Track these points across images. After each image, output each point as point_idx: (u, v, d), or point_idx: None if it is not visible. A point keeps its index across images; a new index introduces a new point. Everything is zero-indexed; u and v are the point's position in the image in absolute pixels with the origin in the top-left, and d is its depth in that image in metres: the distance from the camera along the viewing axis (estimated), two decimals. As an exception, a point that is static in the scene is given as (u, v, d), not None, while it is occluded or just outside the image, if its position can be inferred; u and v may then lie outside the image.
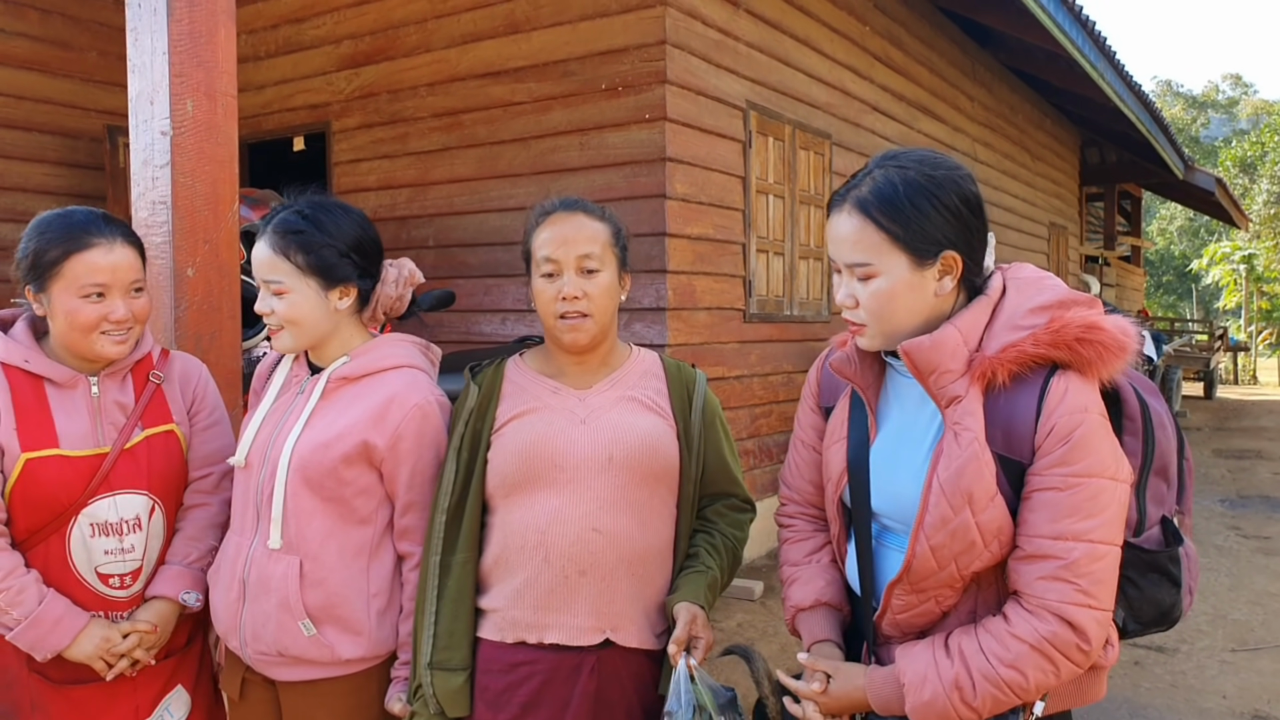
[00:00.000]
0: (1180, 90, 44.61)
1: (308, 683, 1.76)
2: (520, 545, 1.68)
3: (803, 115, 6.06)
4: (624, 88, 4.87)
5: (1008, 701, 1.32)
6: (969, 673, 1.32)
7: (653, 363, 1.85)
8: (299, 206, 1.80)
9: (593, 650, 1.67)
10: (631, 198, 4.84)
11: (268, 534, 1.74)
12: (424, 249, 5.68)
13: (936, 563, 1.36)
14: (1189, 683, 4.06)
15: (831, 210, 1.44)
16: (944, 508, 1.33)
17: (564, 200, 1.78)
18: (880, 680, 1.41)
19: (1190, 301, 38.48)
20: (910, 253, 1.37)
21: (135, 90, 2.83)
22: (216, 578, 1.83)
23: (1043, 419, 1.31)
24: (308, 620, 1.71)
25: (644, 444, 1.71)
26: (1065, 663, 1.30)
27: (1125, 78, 9.35)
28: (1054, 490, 1.30)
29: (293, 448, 1.73)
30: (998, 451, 1.33)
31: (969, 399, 1.34)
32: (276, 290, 1.75)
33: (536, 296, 1.73)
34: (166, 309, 2.81)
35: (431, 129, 5.64)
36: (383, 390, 1.77)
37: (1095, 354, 1.32)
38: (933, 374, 1.36)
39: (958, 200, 1.38)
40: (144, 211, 2.85)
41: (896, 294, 1.38)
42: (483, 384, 1.77)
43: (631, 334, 4.85)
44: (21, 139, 6.07)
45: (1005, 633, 1.32)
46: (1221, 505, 7.72)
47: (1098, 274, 14.88)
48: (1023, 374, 1.34)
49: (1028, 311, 1.36)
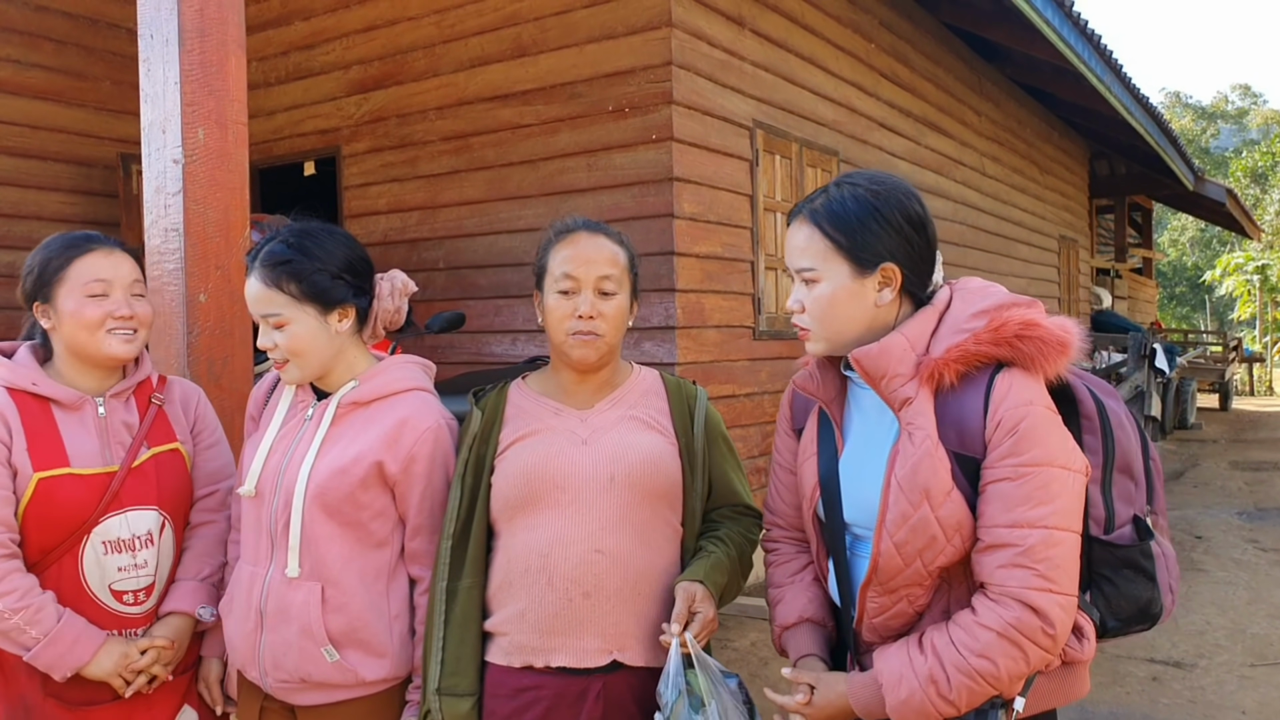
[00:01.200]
0: (1189, 101, 44.55)
1: (329, 705, 1.76)
2: (523, 569, 1.68)
3: (810, 133, 6.08)
4: (631, 109, 4.90)
5: (982, 692, 1.35)
6: (942, 666, 1.36)
7: (654, 381, 1.85)
8: (283, 236, 1.80)
9: (599, 674, 1.67)
10: (640, 217, 4.86)
11: (285, 562, 1.74)
12: (434, 271, 5.72)
13: (902, 559, 1.41)
14: (1208, 698, 4.01)
15: (790, 222, 1.55)
16: (903, 504, 1.39)
17: (585, 221, 1.80)
18: (860, 684, 1.45)
19: (1204, 313, 38.26)
20: (852, 261, 1.47)
21: (148, 120, 2.87)
22: (230, 608, 1.82)
23: (990, 414, 1.38)
24: (330, 646, 1.71)
25: (645, 463, 1.71)
26: (1033, 648, 1.33)
27: (1132, 90, 9.35)
28: (1006, 480, 1.36)
29: (308, 475, 1.73)
30: (952, 449, 1.39)
31: (919, 400, 1.41)
32: (276, 323, 1.75)
33: (549, 312, 1.74)
34: (179, 335, 2.84)
35: (441, 152, 5.68)
36: (394, 413, 1.78)
37: (1035, 349, 1.39)
38: (883, 378, 1.44)
39: (900, 217, 1.48)
40: (157, 238, 2.88)
41: (837, 300, 1.48)
42: (486, 408, 1.78)
43: (641, 353, 4.86)
44: (37, 168, 6.14)
45: (973, 623, 1.36)
46: (1239, 518, 7.65)
47: (1109, 286, 14.81)
48: (969, 373, 1.41)
49: (970, 316, 1.44)
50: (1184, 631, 4.90)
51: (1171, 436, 12.74)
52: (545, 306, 1.75)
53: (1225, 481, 9.37)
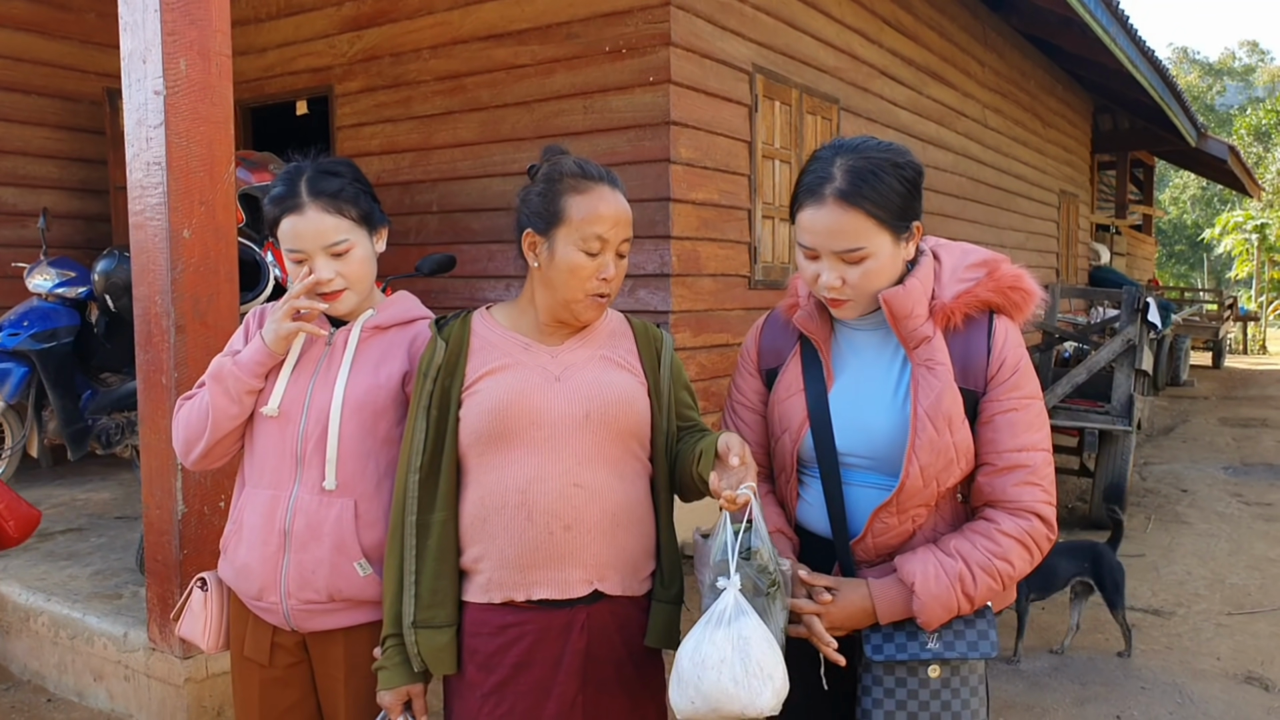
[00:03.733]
0: (1196, 57, 44.01)
1: (344, 630, 1.80)
2: (500, 505, 1.66)
3: (810, 79, 5.98)
4: (628, 50, 4.81)
5: (996, 591, 1.55)
6: (969, 567, 1.54)
7: (620, 323, 1.84)
8: (322, 165, 1.82)
9: (582, 606, 1.68)
10: (636, 162, 4.79)
11: (316, 480, 1.77)
12: (428, 214, 5.65)
13: (923, 481, 1.56)
14: (1184, 645, 4.08)
15: (807, 204, 1.56)
16: (930, 431, 1.54)
17: (601, 171, 1.73)
18: (885, 585, 1.57)
19: (1202, 271, 38.23)
20: (893, 231, 1.55)
21: (128, 49, 2.80)
22: (240, 536, 1.82)
23: (994, 354, 1.58)
24: (364, 560, 1.76)
25: (619, 401, 1.71)
26: (1038, 551, 1.57)
27: (1139, 43, 9.21)
28: (1014, 411, 1.56)
29: (344, 391, 1.78)
30: (958, 384, 1.57)
31: (937, 338, 1.58)
32: (340, 250, 1.78)
33: (568, 269, 1.66)
34: (163, 271, 2.80)
35: (434, 92, 5.58)
36: (407, 335, 1.87)
37: (1022, 299, 1.61)
38: (907, 318, 1.57)
39: (918, 178, 1.59)
40: (139, 173, 2.83)
41: (884, 269, 1.56)
42: (450, 339, 1.74)
43: (636, 300, 4.83)
44: (21, 102, 6.03)
45: (995, 531, 1.55)
46: (1225, 472, 7.72)
47: (1108, 242, 14.76)
48: (971, 317, 1.60)
49: (966, 267, 1.62)
50: (1164, 581, 4.96)
51: (1163, 393, 12.80)
52: (557, 258, 1.67)
53: (1214, 437, 9.43)
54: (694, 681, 1.45)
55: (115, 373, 5.07)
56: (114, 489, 5.30)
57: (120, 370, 5.06)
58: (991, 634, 1.58)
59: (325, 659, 1.83)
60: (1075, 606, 3.99)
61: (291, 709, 1.87)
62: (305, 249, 1.77)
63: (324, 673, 1.85)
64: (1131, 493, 6.38)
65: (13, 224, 6.00)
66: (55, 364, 4.75)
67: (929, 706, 1.57)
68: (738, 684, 1.43)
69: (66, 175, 6.28)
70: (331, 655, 1.82)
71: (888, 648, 1.57)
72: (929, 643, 1.56)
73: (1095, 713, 3.44)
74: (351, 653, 1.81)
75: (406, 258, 5.35)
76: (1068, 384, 5.89)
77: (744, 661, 1.43)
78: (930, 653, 1.56)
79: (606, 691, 1.70)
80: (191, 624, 1.92)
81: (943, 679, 1.57)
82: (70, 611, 3.40)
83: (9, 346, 4.68)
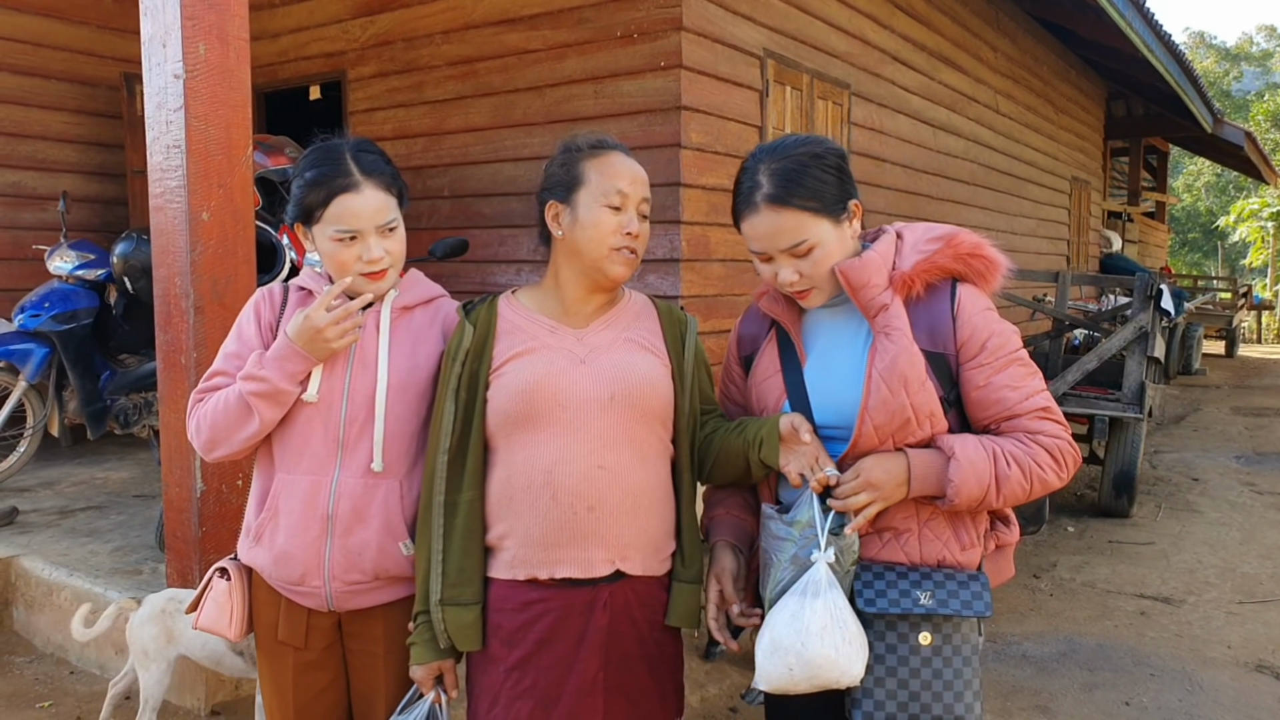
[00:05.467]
0: (1213, 42, 43.51)
1: (381, 607, 1.83)
2: (526, 484, 1.70)
3: (821, 64, 5.98)
4: (639, 34, 4.82)
5: (1023, 489, 1.58)
6: (1005, 451, 1.59)
7: (645, 304, 1.88)
8: (361, 144, 1.83)
9: (604, 584, 1.71)
10: (646, 147, 4.81)
11: (361, 463, 1.78)
12: (439, 199, 5.68)
13: (878, 439, 1.61)
14: (1194, 633, 4.09)
15: (745, 214, 1.67)
16: (883, 392, 1.59)
17: (615, 141, 1.82)
18: (922, 452, 1.61)
19: (1215, 259, 37.91)
20: (829, 216, 1.64)
21: (148, 33, 2.84)
22: (278, 523, 1.82)
23: (960, 321, 1.64)
24: (408, 540, 1.80)
25: (644, 383, 1.74)
26: (1065, 467, 1.61)
27: (1155, 28, 9.14)
28: (1009, 367, 1.63)
29: (387, 372, 1.79)
30: (924, 348, 1.62)
31: (895, 306, 1.63)
32: (391, 227, 1.81)
33: (593, 225, 1.72)
34: (182, 253, 2.85)
35: (446, 77, 5.60)
36: (433, 316, 1.91)
37: (984, 265, 1.67)
38: (863, 287, 1.63)
39: (839, 160, 1.67)
40: (159, 155, 2.88)
41: (832, 252, 1.65)
42: (477, 323, 1.78)
43: (645, 285, 4.85)
44: (41, 87, 6.09)
45: (1027, 437, 1.61)
46: (1237, 462, 7.71)
47: (1120, 230, 14.67)
48: (933, 285, 1.66)
49: (926, 240, 1.70)
50: (1174, 569, 4.98)
51: (1175, 381, 12.75)
52: (581, 219, 1.73)
53: (1225, 426, 9.41)
54: (796, 649, 1.50)
55: (133, 354, 5.13)
56: (131, 468, 5.37)
57: (138, 351, 5.12)
58: (986, 595, 1.60)
59: (363, 635, 1.86)
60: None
61: (324, 690, 1.89)
62: (361, 228, 1.76)
63: (360, 649, 1.87)
64: (1142, 481, 6.38)
65: (33, 207, 6.07)
66: (75, 345, 4.82)
67: (920, 674, 1.58)
68: (839, 651, 1.50)
69: (84, 159, 6.34)
70: (370, 632, 1.85)
71: (881, 601, 1.57)
72: (922, 598, 1.57)
73: (1103, 699, 3.45)
74: (390, 628, 1.84)
75: (418, 241, 5.36)
76: (1078, 370, 5.89)
77: (842, 630, 1.51)
78: (924, 608, 1.57)
79: (627, 668, 1.73)
80: (216, 614, 1.90)
81: (934, 647, 1.59)
82: (92, 586, 3.47)
83: (31, 327, 4.75)
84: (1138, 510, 6.08)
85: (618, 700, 1.72)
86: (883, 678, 1.58)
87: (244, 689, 3.17)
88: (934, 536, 1.65)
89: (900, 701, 1.57)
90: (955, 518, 1.66)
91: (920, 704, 1.57)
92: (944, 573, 1.62)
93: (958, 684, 1.58)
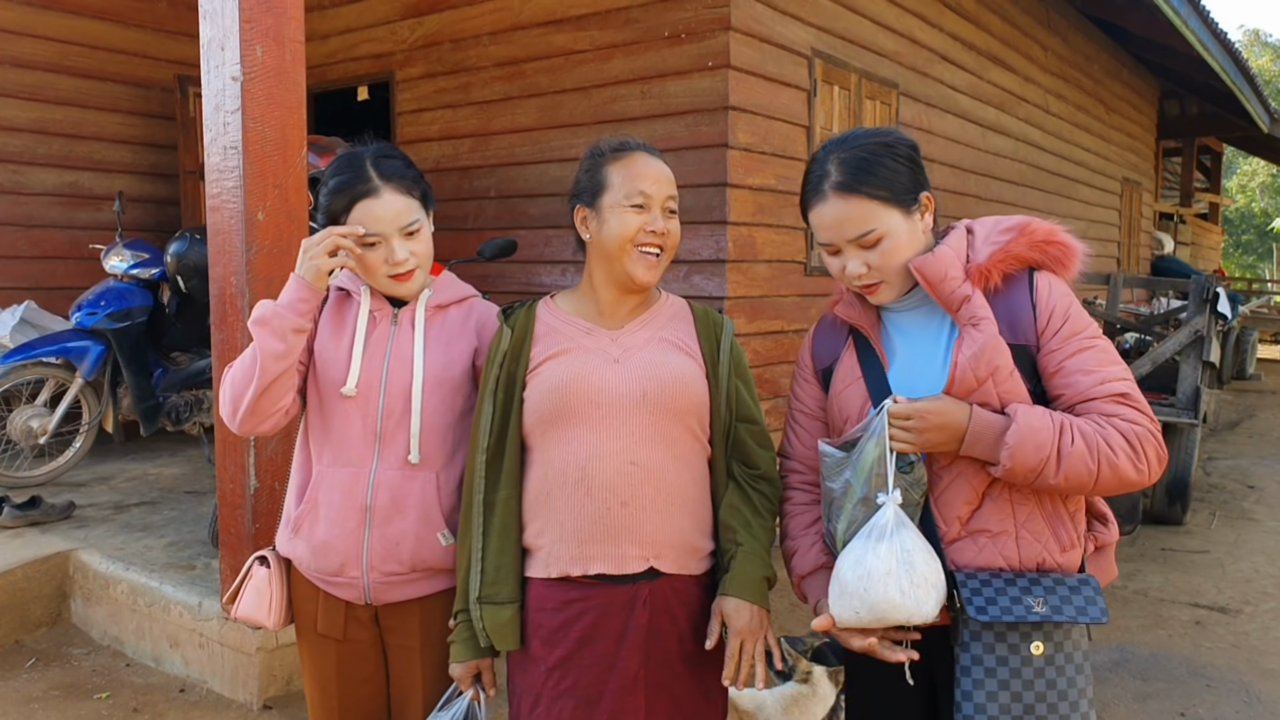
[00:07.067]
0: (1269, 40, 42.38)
1: (419, 600, 1.86)
2: (561, 480, 1.71)
3: (869, 64, 5.92)
4: (687, 35, 4.81)
5: (1089, 468, 1.49)
6: (1072, 425, 1.51)
7: (681, 307, 1.89)
8: (382, 149, 1.86)
9: (644, 581, 1.71)
10: (693, 147, 4.79)
11: (398, 455, 1.82)
12: (485, 199, 5.71)
13: None
14: (1251, 643, 3.99)
15: (813, 204, 1.65)
16: (969, 380, 1.54)
17: (639, 142, 1.81)
18: (985, 413, 1.54)
19: (1270, 262, 37.00)
20: (899, 206, 1.61)
21: (207, 36, 2.88)
22: (317, 514, 1.85)
23: (1040, 307, 1.58)
24: (446, 530, 1.83)
25: (676, 381, 1.75)
26: (1142, 462, 1.50)
27: (1210, 25, 8.94)
28: (1084, 351, 1.56)
29: (423, 367, 1.83)
30: (1007, 341, 1.56)
31: (977, 296, 1.58)
32: (414, 230, 1.83)
33: (617, 227, 1.73)
34: (238, 252, 2.89)
35: (493, 78, 5.63)
36: (471, 316, 1.94)
37: (1060, 252, 1.62)
38: (942, 281, 1.59)
39: (910, 151, 1.65)
40: (216, 156, 2.92)
41: (902, 245, 1.61)
42: (515, 326, 1.80)
43: (690, 286, 4.84)
44: (97, 88, 6.22)
45: (1102, 418, 1.52)
46: (1295, 470, 7.51)
47: (1172, 231, 14.36)
48: (1010, 275, 1.61)
49: (999, 231, 1.65)
50: (1230, 578, 4.86)
51: (1229, 386, 12.45)
52: (606, 222, 1.75)
53: (1282, 433, 9.17)
54: (859, 593, 1.50)
55: (185, 352, 5.22)
56: (183, 465, 5.47)
57: (190, 349, 5.21)
58: (1100, 600, 1.53)
59: (400, 629, 1.88)
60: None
61: (366, 680, 1.92)
62: (382, 231, 1.79)
63: (398, 643, 1.89)
64: (1196, 488, 6.24)
65: (90, 207, 6.20)
66: (130, 343, 4.91)
67: (1033, 686, 1.51)
68: (904, 594, 1.48)
69: (139, 160, 6.47)
70: (407, 626, 1.87)
71: (993, 609, 1.50)
72: (1035, 606, 1.50)
73: (1158, 709, 3.38)
74: (426, 623, 1.86)
75: (464, 242, 5.42)
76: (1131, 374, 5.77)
77: (909, 573, 1.49)
78: (1038, 615, 1.49)
79: (669, 667, 1.73)
80: (257, 602, 1.91)
81: (1046, 656, 1.52)
82: (148, 580, 3.53)
83: (87, 325, 4.86)
84: (1191, 518, 5.94)
85: (660, 699, 1.72)
86: (995, 692, 1.51)
87: (295, 683, 3.21)
88: (1032, 538, 1.58)
89: (1015, 716, 1.50)
90: (1053, 517, 1.59)
91: (1036, 717, 1.50)
92: (1053, 578, 1.55)
93: (1072, 694, 1.52)
